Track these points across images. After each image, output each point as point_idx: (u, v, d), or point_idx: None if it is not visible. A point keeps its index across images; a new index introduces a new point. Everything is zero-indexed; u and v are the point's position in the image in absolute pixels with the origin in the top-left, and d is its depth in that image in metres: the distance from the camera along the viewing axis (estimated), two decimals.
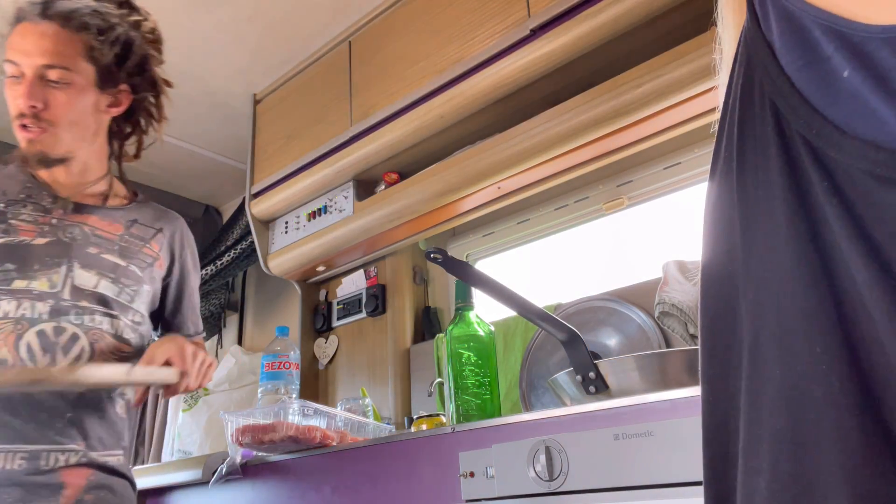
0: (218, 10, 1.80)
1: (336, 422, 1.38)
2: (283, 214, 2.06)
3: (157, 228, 1.23)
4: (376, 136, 1.73)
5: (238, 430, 1.33)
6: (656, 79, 1.26)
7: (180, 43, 1.91)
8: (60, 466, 0.97)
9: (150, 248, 1.19)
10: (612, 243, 1.74)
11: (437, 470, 1.07)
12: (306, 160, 1.93)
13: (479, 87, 1.52)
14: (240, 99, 2.19)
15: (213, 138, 2.37)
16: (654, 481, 0.81)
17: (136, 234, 1.18)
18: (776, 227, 0.37)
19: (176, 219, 1.30)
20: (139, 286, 1.14)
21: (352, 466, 1.20)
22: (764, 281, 0.38)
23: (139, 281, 1.14)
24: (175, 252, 1.26)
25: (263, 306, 2.50)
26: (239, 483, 1.39)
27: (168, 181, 2.58)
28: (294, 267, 2.02)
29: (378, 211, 1.75)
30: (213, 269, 2.26)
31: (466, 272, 1.18)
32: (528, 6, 1.44)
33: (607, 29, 1.32)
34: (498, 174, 1.53)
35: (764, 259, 0.38)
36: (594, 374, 1.03)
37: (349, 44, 1.90)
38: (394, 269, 1.99)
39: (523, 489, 0.92)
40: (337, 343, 2.08)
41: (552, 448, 0.91)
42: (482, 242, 1.95)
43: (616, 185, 1.68)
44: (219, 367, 2.31)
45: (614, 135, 1.37)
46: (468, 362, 1.31)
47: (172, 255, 1.25)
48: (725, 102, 0.45)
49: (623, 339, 1.45)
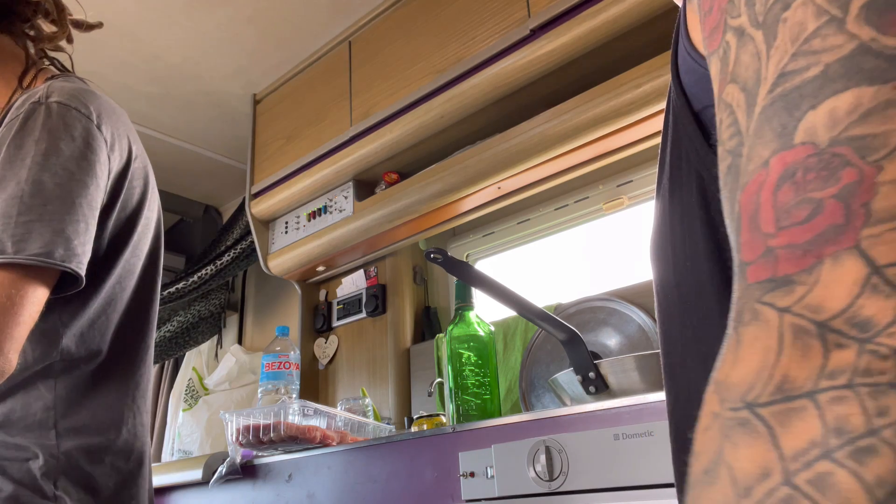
0: (218, 10, 1.80)
1: (336, 422, 1.38)
2: (283, 214, 2.06)
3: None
4: (376, 136, 1.73)
5: (238, 430, 1.33)
6: (656, 79, 1.26)
7: (180, 43, 1.91)
8: None
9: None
10: (612, 243, 1.74)
11: (437, 470, 1.07)
12: (306, 160, 1.93)
13: (479, 87, 1.52)
14: (240, 99, 2.19)
15: (213, 138, 2.37)
16: (654, 481, 0.81)
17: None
18: (699, 267, 0.41)
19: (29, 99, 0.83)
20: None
21: (352, 466, 1.20)
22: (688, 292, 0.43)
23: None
24: None
25: (263, 306, 2.50)
26: (239, 483, 1.39)
27: (168, 181, 2.58)
28: (294, 267, 2.02)
29: (378, 211, 1.75)
30: (213, 269, 2.26)
31: (466, 272, 1.18)
32: (528, 6, 1.44)
33: (607, 29, 1.32)
34: (498, 174, 1.53)
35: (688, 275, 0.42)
36: (594, 374, 1.03)
37: (349, 44, 1.90)
38: (394, 269, 1.99)
39: (523, 489, 0.92)
40: (337, 343, 2.08)
41: (552, 448, 0.91)
42: (482, 242, 1.95)
43: (616, 185, 1.68)
44: (219, 367, 2.31)
45: (614, 135, 1.37)
46: (468, 362, 1.31)
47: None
48: (663, 138, 0.47)
49: (623, 339, 1.45)
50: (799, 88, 0.24)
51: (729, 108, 0.29)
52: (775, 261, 0.23)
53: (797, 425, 0.21)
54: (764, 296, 0.23)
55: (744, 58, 0.28)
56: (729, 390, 0.24)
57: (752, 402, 0.22)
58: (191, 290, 2.29)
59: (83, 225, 0.74)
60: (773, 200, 0.24)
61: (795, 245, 0.23)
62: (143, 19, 1.81)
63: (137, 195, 0.88)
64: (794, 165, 0.24)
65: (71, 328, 0.81)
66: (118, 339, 0.86)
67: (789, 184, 0.24)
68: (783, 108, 0.25)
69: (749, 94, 0.27)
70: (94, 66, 1.98)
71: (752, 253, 0.25)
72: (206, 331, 2.51)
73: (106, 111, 0.82)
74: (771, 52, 0.26)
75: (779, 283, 0.23)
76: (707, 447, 0.24)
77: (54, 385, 0.80)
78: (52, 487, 0.77)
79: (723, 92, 0.29)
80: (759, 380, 0.22)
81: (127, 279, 0.87)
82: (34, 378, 0.79)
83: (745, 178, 0.26)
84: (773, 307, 0.23)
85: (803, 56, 0.24)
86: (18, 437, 0.77)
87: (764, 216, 0.24)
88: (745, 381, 0.23)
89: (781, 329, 0.22)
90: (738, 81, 0.28)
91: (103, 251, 0.83)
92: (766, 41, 0.26)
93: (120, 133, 0.84)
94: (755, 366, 0.23)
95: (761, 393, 0.22)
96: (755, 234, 0.25)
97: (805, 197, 0.23)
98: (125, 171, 0.85)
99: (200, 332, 2.50)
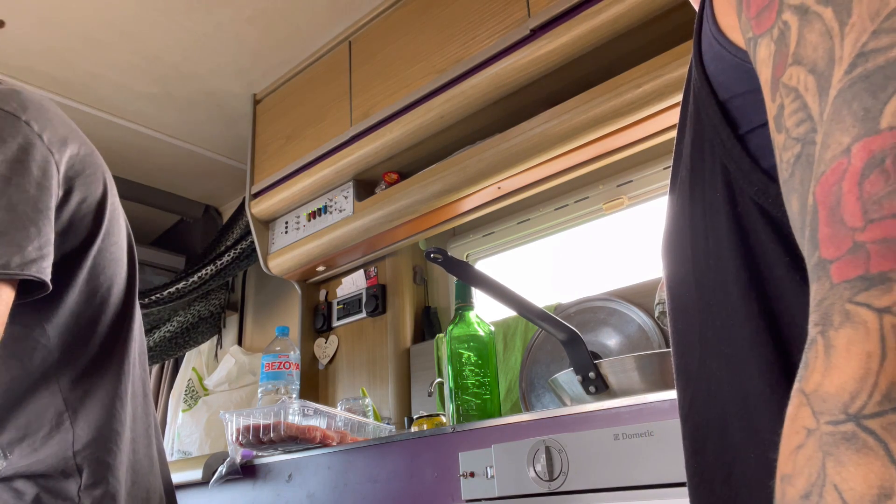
0: (218, 11, 1.80)
1: (336, 422, 1.38)
2: (283, 214, 2.06)
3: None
4: (376, 136, 1.73)
5: (238, 430, 1.33)
6: (656, 79, 1.26)
7: (180, 43, 1.91)
8: None
9: None
10: (612, 243, 1.73)
11: (437, 470, 1.07)
12: (306, 160, 1.93)
13: (479, 87, 1.52)
14: (240, 99, 2.19)
15: (213, 138, 2.37)
16: (654, 481, 0.81)
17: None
18: (723, 261, 0.39)
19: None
20: None
21: (352, 466, 1.20)
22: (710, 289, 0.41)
23: None
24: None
25: (263, 306, 2.50)
26: (239, 483, 1.39)
27: (168, 181, 2.58)
28: (294, 267, 2.02)
29: (378, 211, 1.75)
30: (213, 269, 2.26)
31: (466, 272, 1.18)
32: (528, 6, 1.44)
33: (607, 29, 1.32)
34: (498, 174, 1.53)
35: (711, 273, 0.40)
36: (594, 374, 1.03)
37: (349, 44, 1.90)
38: (394, 269, 1.99)
39: (523, 489, 0.92)
40: (337, 343, 2.08)
41: (552, 448, 0.91)
42: (482, 242, 1.95)
43: (616, 185, 1.68)
44: (219, 367, 2.31)
45: (614, 135, 1.37)
46: (468, 362, 1.31)
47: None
48: (680, 129, 0.45)
49: (623, 339, 1.45)
50: (883, 69, 0.22)
51: (794, 91, 0.26)
52: (866, 257, 0.21)
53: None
54: (856, 295, 0.21)
55: (810, 37, 0.25)
56: (825, 402, 0.21)
57: (858, 413, 0.20)
58: (191, 290, 2.29)
59: (34, 229, 0.71)
60: (858, 191, 0.22)
61: (890, 239, 0.21)
62: (143, 19, 1.81)
63: (96, 183, 0.84)
64: (881, 152, 0.22)
65: (56, 326, 0.80)
66: (105, 329, 0.85)
67: (878, 172, 0.22)
68: (865, 90, 0.23)
69: (821, 76, 0.25)
70: (93, 67, 1.98)
71: (835, 249, 0.23)
72: (206, 331, 2.51)
73: (33, 106, 0.77)
74: (846, 31, 0.24)
75: (873, 280, 0.21)
76: (804, 468, 0.22)
77: (59, 388, 0.80)
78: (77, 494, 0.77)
79: (783, 75, 0.27)
80: (863, 388, 0.20)
81: (105, 268, 0.85)
82: (38, 384, 0.79)
83: (821, 167, 0.24)
84: (869, 308, 0.21)
85: (886, 34, 0.22)
86: (42, 450, 0.77)
87: (848, 208, 0.22)
88: (844, 391, 0.21)
89: (883, 332, 0.20)
90: (804, 63, 0.26)
91: (75, 243, 0.81)
92: (837, 18, 0.24)
93: (54, 125, 0.79)
94: (855, 373, 0.21)
95: (867, 403, 0.20)
96: (838, 227, 0.23)
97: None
98: (73, 163, 0.81)
99: (200, 333, 2.50)
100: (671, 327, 0.46)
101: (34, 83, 2.03)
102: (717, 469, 0.39)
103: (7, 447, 0.78)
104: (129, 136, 2.30)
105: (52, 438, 0.78)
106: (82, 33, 1.85)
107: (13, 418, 0.78)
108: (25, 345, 0.79)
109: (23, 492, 0.76)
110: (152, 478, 0.88)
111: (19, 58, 1.92)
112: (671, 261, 0.45)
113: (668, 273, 0.46)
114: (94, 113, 2.17)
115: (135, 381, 0.89)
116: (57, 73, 1.99)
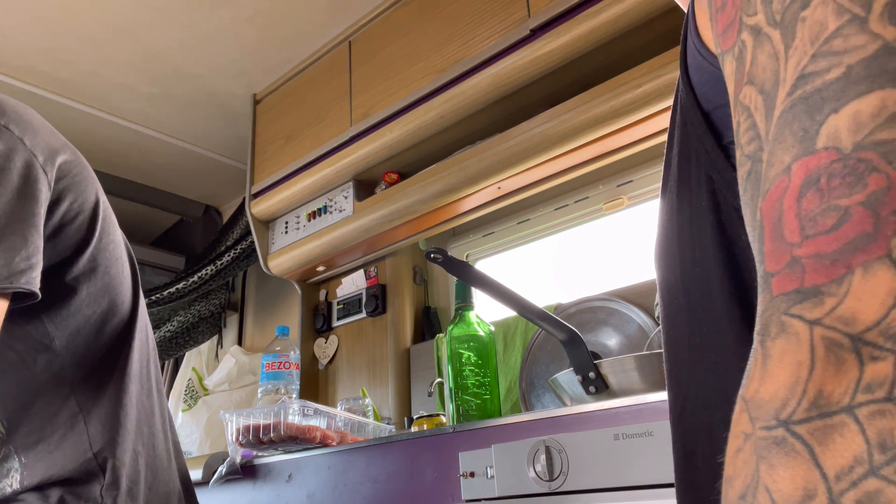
0: (218, 10, 1.80)
1: (336, 422, 1.38)
2: (283, 214, 2.06)
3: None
4: (376, 136, 1.73)
5: (238, 430, 1.33)
6: (656, 79, 1.26)
7: (180, 43, 1.91)
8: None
9: None
10: (612, 243, 1.73)
11: (437, 470, 1.07)
12: (306, 160, 1.93)
13: (479, 87, 1.52)
14: (240, 99, 2.19)
15: (213, 138, 2.37)
16: (654, 481, 0.81)
17: None
18: (708, 262, 0.40)
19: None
20: None
21: (352, 466, 1.20)
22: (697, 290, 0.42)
23: None
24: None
25: (263, 306, 2.50)
26: (239, 483, 1.39)
27: (168, 181, 2.58)
28: (294, 267, 2.02)
29: (378, 211, 1.75)
30: (213, 269, 2.26)
31: (466, 272, 1.18)
32: (528, 6, 1.44)
33: (607, 29, 1.32)
34: (498, 174, 1.53)
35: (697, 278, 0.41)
36: (594, 374, 1.03)
37: (349, 44, 1.90)
38: (394, 269, 1.99)
39: (523, 489, 0.92)
40: (337, 343, 2.08)
41: (552, 448, 0.91)
42: (482, 242, 1.95)
43: (616, 185, 1.68)
44: (219, 367, 2.31)
45: (614, 135, 1.37)
46: (468, 362, 1.31)
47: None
48: (670, 137, 0.46)
49: (623, 339, 1.45)
50: (820, 91, 0.23)
51: (746, 110, 0.28)
52: (802, 271, 0.22)
53: (838, 442, 0.20)
54: (791, 308, 0.22)
55: (761, 58, 0.27)
56: (760, 408, 0.22)
57: (787, 419, 0.21)
58: (191, 290, 2.29)
59: (20, 239, 0.69)
60: (796, 208, 0.23)
61: (823, 255, 0.22)
62: (143, 19, 1.81)
63: (86, 185, 0.82)
64: (817, 171, 0.23)
65: (63, 329, 0.80)
66: (114, 329, 0.85)
67: (813, 191, 0.23)
68: (804, 111, 0.24)
69: (767, 97, 0.26)
70: (93, 66, 1.98)
71: (776, 263, 0.24)
72: (206, 331, 2.51)
73: (11, 110, 0.74)
74: (790, 53, 0.25)
75: (807, 294, 0.22)
76: (741, 470, 0.23)
77: (70, 390, 0.80)
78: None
79: (739, 93, 0.28)
80: (793, 396, 0.21)
81: (109, 267, 0.84)
82: (47, 387, 0.79)
83: (766, 184, 0.25)
84: (802, 319, 0.22)
85: (824, 57, 0.23)
86: (57, 453, 0.77)
87: (788, 224, 0.23)
88: (777, 398, 0.22)
89: (812, 342, 0.21)
90: (756, 83, 0.27)
91: (72, 246, 0.80)
92: (784, 41, 0.25)
93: (35, 128, 0.76)
94: (787, 381, 0.22)
95: (796, 409, 0.21)
96: (779, 243, 0.24)
97: (830, 204, 0.22)
98: (62, 167, 0.78)
99: (200, 332, 2.50)
100: (663, 334, 0.47)
101: (34, 83, 2.03)
102: (706, 475, 0.40)
103: (22, 451, 0.78)
104: (129, 136, 2.30)
105: (67, 440, 0.78)
106: (82, 33, 1.85)
107: (25, 422, 0.78)
108: (29, 349, 0.78)
109: (48, 494, 0.76)
110: (171, 473, 0.88)
111: (19, 58, 1.92)
112: (662, 268, 0.46)
113: (660, 280, 0.47)
114: (94, 113, 2.17)
115: (149, 378, 0.89)
116: (57, 73, 1.99)
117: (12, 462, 0.78)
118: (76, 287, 0.81)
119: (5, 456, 0.79)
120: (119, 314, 0.86)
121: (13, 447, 0.78)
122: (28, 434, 0.78)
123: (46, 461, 0.77)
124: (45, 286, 0.72)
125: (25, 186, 0.71)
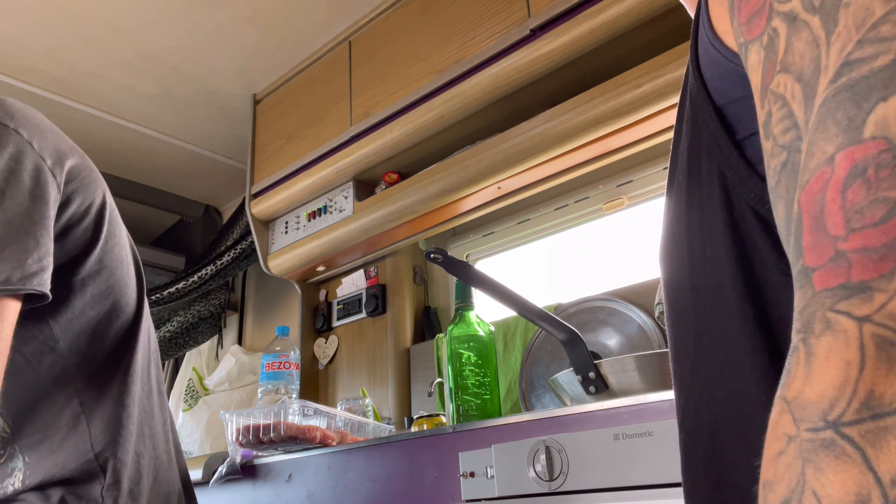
0: (218, 11, 1.80)
1: (336, 422, 1.38)
2: (283, 214, 2.06)
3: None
4: (376, 136, 1.73)
5: (238, 430, 1.33)
6: (656, 79, 1.26)
7: (180, 43, 1.91)
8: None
9: None
10: (612, 243, 1.74)
11: (437, 470, 1.07)
12: (306, 160, 1.93)
13: (479, 87, 1.52)
14: (240, 99, 2.19)
15: (213, 138, 2.37)
16: (654, 481, 0.81)
17: None
18: (720, 263, 0.39)
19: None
20: None
21: (352, 466, 1.20)
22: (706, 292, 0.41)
23: None
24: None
25: (263, 306, 2.50)
26: (239, 483, 1.39)
27: (168, 181, 2.58)
28: (294, 267, 2.02)
29: (378, 211, 1.75)
30: (213, 269, 2.26)
31: (466, 272, 1.18)
32: (528, 6, 1.44)
33: (607, 29, 1.32)
34: (498, 174, 1.53)
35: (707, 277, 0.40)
36: (594, 374, 1.03)
37: (349, 44, 1.90)
38: (394, 269, 1.99)
39: (523, 489, 0.92)
40: (337, 343, 2.08)
41: (552, 448, 0.91)
42: (482, 242, 1.95)
43: (616, 185, 1.68)
44: (219, 367, 2.31)
45: (614, 135, 1.37)
46: (468, 362, 1.31)
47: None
48: (677, 133, 0.45)
49: (623, 339, 1.45)
50: (867, 78, 0.22)
51: (781, 99, 0.26)
52: (848, 266, 0.21)
53: (893, 445, 0.19)
54: (837, 304, 0.21)
55: (797, 45, 0.25)
56: (805, 409, 0.21)
57: (836, 421, 0.20)
58: (191, 290, 2.29)
59: (32, 241, 0.70)
60: (840, 200, 0.22)
61: (871, 248, 0.21)
62: (143, 19, 1.81)
63: (95, 187, 0.82)
64: (864, 162, 0.22)
65: (67, 331, 0.80)
66: (118, 330, 0.85)
67: (860, 182, 0.22)
68: (849, 99, 0.23)
69: (806, 85, 0.25)
70: (93, 66, 1.98)
71: (818, 257, 0.23)
72: (206, 331, 2.51)
73: (20, 114, 0.75)
74: (832, 39, 0.24)
75: (854, 289, 0.21)
76: (784, 474, 0.22)
77: (74, 390, 0.80)
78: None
79: (771, 83, 0.27)
80: (842, 396, 0.20)
81: (114, 269, 0.85)
82: (51, 387, 0.79)
83: (805, 175, 0.24)
84: (850, 316, 0.21)
85: (871, 43, 0.22)
86: (59, 452, 0.78)
87: (831, 217, 0.22)
88: (824, 399, 0.21)
89: (862, 340, 0.20)
90: (792, 71, 0.26)
91: (79, 248, 0.80)
92: (824, 27, 0.24)
93: (43, 132, 0.76)
94: (834, 381, 0.21)
95: (845, 411, 0.20)
96: (821, 236, 0.23)
97: (879, 196, 0.21)
98: (71, 169, 0.79)
99: (200, 332, 2.50)
100: (668, 332, 0.46)
101: (34, 83, 2.03)
102: (708, 474, 0.39)
103: (27, 450, 0.79)
104: (129, 136, 2.30)
105: (70, 440, 0.78)
106: (82, 33, 1.85)
107: (30, 422, 0.79)
108: (35, 350, 0.78)
109: (49, 495, 0.76)
110: (171, 473, 0.89)
111: (19, 58, 1.92)
112: (668, 266, 0.45)
113: (666, 278, 0.46)
114: (94, 113, 2.17)
115: (150, 379, 0.90)
116: (57, 73, 1.99)
117: (17, 462, 0.79)
118: (82, 288, 0.81)
119: (10, 455, 0.79)
120: (123, 316, 0.86)
121: (18, 447, 0.79)
122: (32, 434, 0.79)
123: (49, 461, 0.78)
124: (51, 288, 0.73)
125: (36, 189, 0.72)
